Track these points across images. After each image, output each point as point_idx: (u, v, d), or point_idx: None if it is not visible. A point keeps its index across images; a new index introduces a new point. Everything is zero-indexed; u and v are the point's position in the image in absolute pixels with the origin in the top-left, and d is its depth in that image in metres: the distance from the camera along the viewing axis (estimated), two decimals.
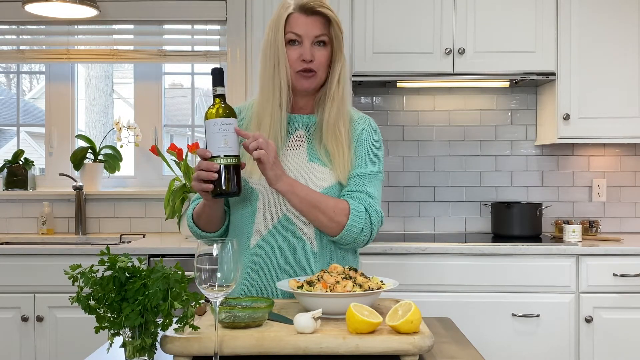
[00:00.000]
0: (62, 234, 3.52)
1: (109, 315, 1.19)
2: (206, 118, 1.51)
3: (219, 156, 1.49)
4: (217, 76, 1.53)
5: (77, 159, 3.52)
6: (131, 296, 1.17)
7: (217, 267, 1.19)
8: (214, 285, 1.18)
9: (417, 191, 3.55)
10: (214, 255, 1.19)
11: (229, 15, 3.34)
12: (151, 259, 2.88)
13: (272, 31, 1.66)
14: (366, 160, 1.71)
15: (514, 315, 2.86)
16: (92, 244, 3.23)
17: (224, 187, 1.49)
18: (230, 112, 1.51)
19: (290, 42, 1.65)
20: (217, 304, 1.20)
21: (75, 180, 3.51)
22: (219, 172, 1.48)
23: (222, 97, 1.52)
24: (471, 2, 3.13)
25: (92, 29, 3.59)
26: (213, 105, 1.52)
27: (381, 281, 1.48)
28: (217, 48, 3.53)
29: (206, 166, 1.48)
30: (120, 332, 1.20)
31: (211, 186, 1.49)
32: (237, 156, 1.50)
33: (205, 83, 4.65)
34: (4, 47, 3.60)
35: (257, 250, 1.66)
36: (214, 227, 1.72)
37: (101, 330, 1.21)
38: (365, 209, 1.65)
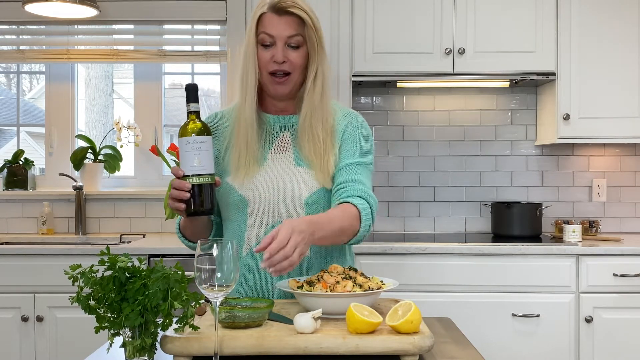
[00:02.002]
0: (62, 234, 3.52)
1: (109, 315, 1.19)
2: (180, 135, 1.49)
3: (192, 175, 1.47)
4: (192, 92, 1.49)
5: (77, 159, 3.52)
6: (131, 296, 1.17)
7: (217, 267, 1.19)
8: (214, 285, 1.18)
9: (417, 191, 3.55)
10: (214, 255, 1.19)
11: (229, 15, 3.34)
12: (151, 259, 2.88)
13: (248, 31, 1.62)
14: (355, 151, 1.66)
15: (514, 315, 2.86)
16: (92, 244, 3.23)
17: (197, 207, 1.49)
18: (204, 130, 1.48)
19: (263, 44, 1.60)
20: (217, 304, 1.20)
21: (75, 180, 3.50)
22: (192, 191, 1.47)
23: (196, 113, 1.49)
24: (471, 2, 3.13)
25: (92, 29, 3.59)
26: (187, 122, 1.49)
27: (381, 281, 1.48)
28: (217, 48, 3.53)
29: (178, 185, 1.47)
30: (120, 332, 1.20)
31: (183, 206, 1.48)
32: (210, 174, 1.49)
33: (205, 83, 4.65)
34: (4, 47, 3.60)
35: (249, 259, 1.64)
36: (203, 233, 1.72)
37: (101, 330, 1.20)
38: (367, 200, 1.59)
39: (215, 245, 1.19)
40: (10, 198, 3.54)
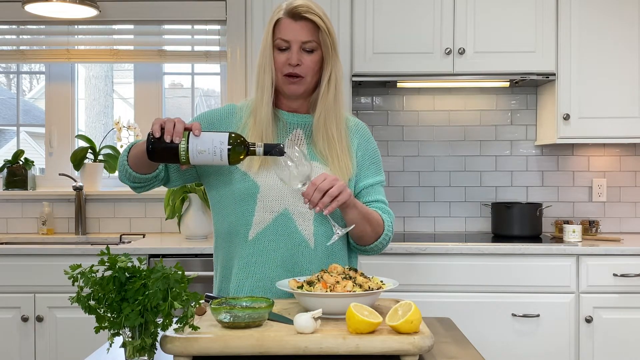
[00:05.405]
0: (62, 234, 3.52)
1: (109, 315, 1.19)
2: (229, 135, 1.50)
3: (186, 145, 1.47)
4: (274, 150, 1.51)
5: (77, 159, 3.52)
6: (131, 296, 1.17)
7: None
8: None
9: (417, 191, 3.55)
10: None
11: (229, 15, 3.34)
12: (151, 259, 2.88)
13: (265, 33, 1.70)
14: (372, 170, 1.81)
15: (514, 315, 2.86)
16: (92, 244, 3.23)
17: (156, 150, 1.48)
18: (236, 158, 1.50)
19: (280, 47, 1.68)
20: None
21: (75, 180, 3.51)
22: (171, 143, 1.47)
23: (253, 153, 1.51)
24: (471, 2, 3.13)
25: (92, 29, 3.59)
26: (248, 143, 1.51)
27: (381, 281, 1.48)
28: (217, 48, 3.53)
29: (177, 129, 1.47)
30: (120, 332, 1.20)
31: (159, 134, 1.47)
32: (187, 162, 1.50)
33: (205, 83, 4.65)
34: (4, 47, 3.60)
35: (255, 243, 1.67)
36: (142, 169, 1.67)
37: (101, 330, 1.21)
38: (389, 218, 1.75)
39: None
40: (10, 198, 3.54)
